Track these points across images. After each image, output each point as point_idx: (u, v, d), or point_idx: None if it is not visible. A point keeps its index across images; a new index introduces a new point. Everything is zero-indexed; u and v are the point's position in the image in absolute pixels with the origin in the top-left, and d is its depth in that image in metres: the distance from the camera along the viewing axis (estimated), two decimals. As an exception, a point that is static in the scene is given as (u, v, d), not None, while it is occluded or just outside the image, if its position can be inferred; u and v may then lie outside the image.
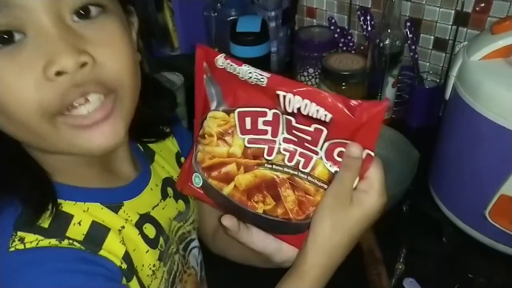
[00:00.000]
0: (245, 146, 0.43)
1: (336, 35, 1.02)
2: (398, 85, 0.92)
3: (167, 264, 0.51)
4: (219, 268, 0.65)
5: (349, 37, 1.03)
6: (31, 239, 0.39)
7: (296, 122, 0.41)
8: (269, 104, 0.41)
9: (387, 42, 0.84)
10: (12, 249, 0.38)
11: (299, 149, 0.42)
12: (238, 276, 0.65)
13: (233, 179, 0.44)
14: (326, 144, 0.41)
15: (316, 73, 1.04)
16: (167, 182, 0.55)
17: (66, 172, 0.44)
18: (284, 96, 0.40)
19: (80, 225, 0.42)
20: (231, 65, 0.42)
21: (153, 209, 0.50)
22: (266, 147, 0.42)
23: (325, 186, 0.42)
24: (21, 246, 0.38)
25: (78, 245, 0.40)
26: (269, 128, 0.42)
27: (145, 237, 0.47)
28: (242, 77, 0.41)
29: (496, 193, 0.64)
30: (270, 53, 0.97)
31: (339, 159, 0.41)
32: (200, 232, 0.67)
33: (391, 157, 0.81)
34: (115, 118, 0.39)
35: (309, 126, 0.41)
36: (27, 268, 0.38)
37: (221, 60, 0.43)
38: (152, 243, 0.48)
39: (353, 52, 1.02)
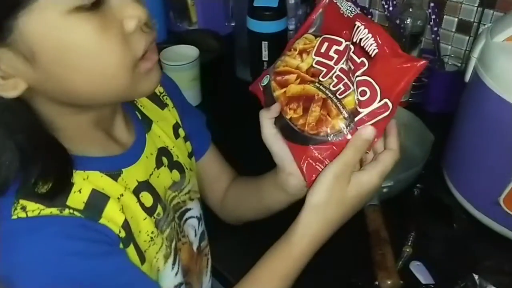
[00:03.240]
0: (311, 65, 0.50)
1: (356, 14, 0.99)
2: (418, 67, 0.89)
3: (165, 231, 0.51)
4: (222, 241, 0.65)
5: (370, 17, 1.00)
6: (33, 208, 0.39)
7: (353, 52, 0.47)
8: (347, 36, 0.49)
9: (408, 21, 0.82)
10: (15, 217, 0.39)
11: (345, 79, 0.47)
12: (241, 249, 0.66)
13: (287, 86, 0.51)
14: (361, 77, 0.46)
15: (334, 53, 1.02)
16: (162, 151, 0.55)
17: (72, 138, 0.44)
18: (358, 27, 0.47)
19: (80, 193, 0.42)
20: (342, 1, 0.51)
21: (150, 176, 0.51)
22: (324, 70, 0.49)
23: (346, 115, 0.46)
24: (23, 214, 0.39)
25: (78, 214, 0.41)
26: (335, 56, 0.49)
27: (142, 205, 0.48)
28: (341, 11, 0.50)
29: None
30: (288, 30, 0.95)
31: (362, 98, 0.46)
32: (208, 200, 0.68)
33: (405, 139, 0.79)
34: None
35: (359, 58, 0.47)
36: (29, 235, 0.39)
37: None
38: (149, 210, 0.48)
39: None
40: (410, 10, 0.81)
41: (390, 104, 0.45)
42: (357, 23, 0.47)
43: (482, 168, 0.67)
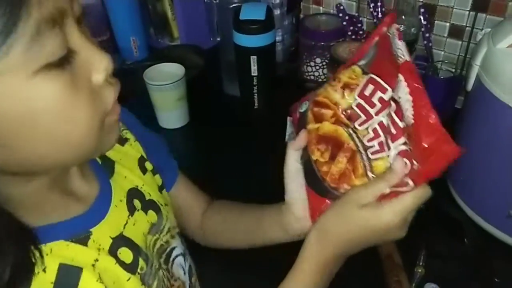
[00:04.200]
0: (351, 105, 0.45)
1: (344, 23, 0.97)
2: (412, 75, 0.86)
3: (153, 285, 0.46)
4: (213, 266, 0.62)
5: (359, 25, 0.97)
6: None
7: (394, 111, 0.42)
8: (394, 84, 0.42)
9: (401, 29, 0.79)
10: None
11: (382, 137, 0.43)
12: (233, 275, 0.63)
13: (321, 122, 0.47)
14: (401, 147, 0.41)
15: (324, 63, 0.99)
16: (133, 193, 0.49)
17: (23, 209, 0.36)
18: (400, 81, 0.42)
19: (45, 272, 0.35)
20: (394, 35, 0.46)
21: (124, 228, 0.45)
22: (363, 117, 0.44)
23: (370, 178, 0.43)
24: None
25: None
26: (378, 105, 0.43)
27: (122, 263, 0.42)
28: (393, 50, 0.44)
29: (524, 192, 0.59)
30: (276, 43, 0.92)
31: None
32: (187, 230, 0.63)
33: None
34: None
35: (400, 121, 0.41)
36: None
37: (393, 28, 0.46)
38: (131, 268, 0.43)
39: (363, 40, 0.97)
40: (403, 17, 0.78)
41: (412, 184, 0.41)
42: (400, 76, 0.42)
43: (491, 180, 0.64)
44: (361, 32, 0.97)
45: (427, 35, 0.87)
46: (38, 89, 0.30)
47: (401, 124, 0.41)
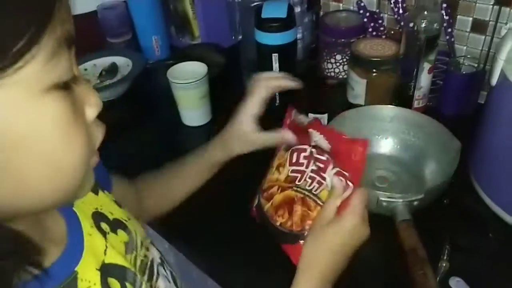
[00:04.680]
0: (288, 174, 0.59)
1: (365, 20, 0.97)
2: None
3: None
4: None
5: (380, 21, 0.97)
6: None
7: (316, 154, 0.57)
8: (309, 143, 0.58)
9: (423, 25, 0.79)
10: None
11: (317, 178, 0.56)
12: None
13: (272, 198, 0.59)
14: (332, 171, 0.55)
15: (344, 59, 0.99)
16: (97, 217, 0.46)
17: None
18: (311, 132, 0.59)
19: None
20: (297, 116, 0.65)
21: (105, 255, 0.42)
22: (299, 175, 0.58)
23: (322, 204, 0.55)
24: None
25: None
26: (305, 162, 0.58)
27: None
28: (297, 122, 0.63)
29: (550, 186, 0.59)
30: (296, 41, 0.92)
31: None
32: (140, 213, 0.62)
33: (429, 148, 0.77)
34: None
35: (323, 156, 0.56)
36: None
37: (293, 113, 0.65)
38: None
39: (383, 37, 0.97)
40: (425, 13, 0.78)
41: (351, 185, 0.53)
42: (310, 130, 0.59)
43: (516, 174, 0.64)
44: (381, 29, 0.97)
45: (449, 30, 0.87)
46: (45, 107, 0.30)
47: (324, 157, 0.56)
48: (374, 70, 0.87)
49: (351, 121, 0.79)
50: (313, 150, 0.57)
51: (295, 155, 0.59)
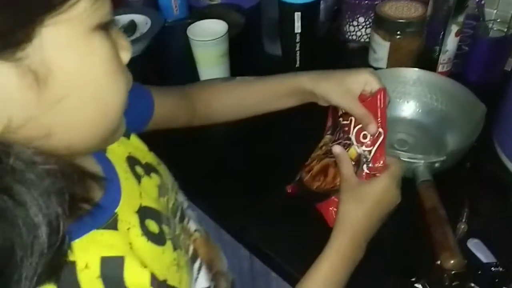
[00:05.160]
0: (329, 146, 0.62)
1: (391, -20, 0.93)
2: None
3: (182, 248, 0.46)
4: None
5: (406, -18, 0.94)
6: None
7: (343, 120, 0.60)
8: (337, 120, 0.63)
9: (453, -14, 0.76)
10: None
11: (344, 141, 0.59)
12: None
13: (312, 170, 0.63)
14: (354, 130, 0.57)
15: (367, 22, 0.97)
16: (131, 161, 0.47)
17: None
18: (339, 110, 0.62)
19: (88, 268, 0.33)
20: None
21: (141, 198, 0.43)
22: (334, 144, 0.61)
23: (352, 162, 0.56)
24: None
25: None
26: (338, 132, 0.61)
27: (152, 238, 0.40)
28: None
29: None
30: (320, 0, 0.90)
31: (363, 140, 0.56)
32: (180, 121, 0.67)
33: (452, 112, 0.75)
34: None
35: (347, 121, 0.59)
36: None
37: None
38: (159, 239, 0.42)
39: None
40: (456, -28, 0.75)
41: (381, 130, 0.55)
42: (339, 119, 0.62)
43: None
44: (408, -10, 0.94)
45: (479, -8, 0.84)
46: (94, 46, 0.31)
47: (348, 121, 0.59)
48: (398, 33, 0.85)
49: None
50: (340, 119, 0.60)
51: (338, 134, 0.62)
